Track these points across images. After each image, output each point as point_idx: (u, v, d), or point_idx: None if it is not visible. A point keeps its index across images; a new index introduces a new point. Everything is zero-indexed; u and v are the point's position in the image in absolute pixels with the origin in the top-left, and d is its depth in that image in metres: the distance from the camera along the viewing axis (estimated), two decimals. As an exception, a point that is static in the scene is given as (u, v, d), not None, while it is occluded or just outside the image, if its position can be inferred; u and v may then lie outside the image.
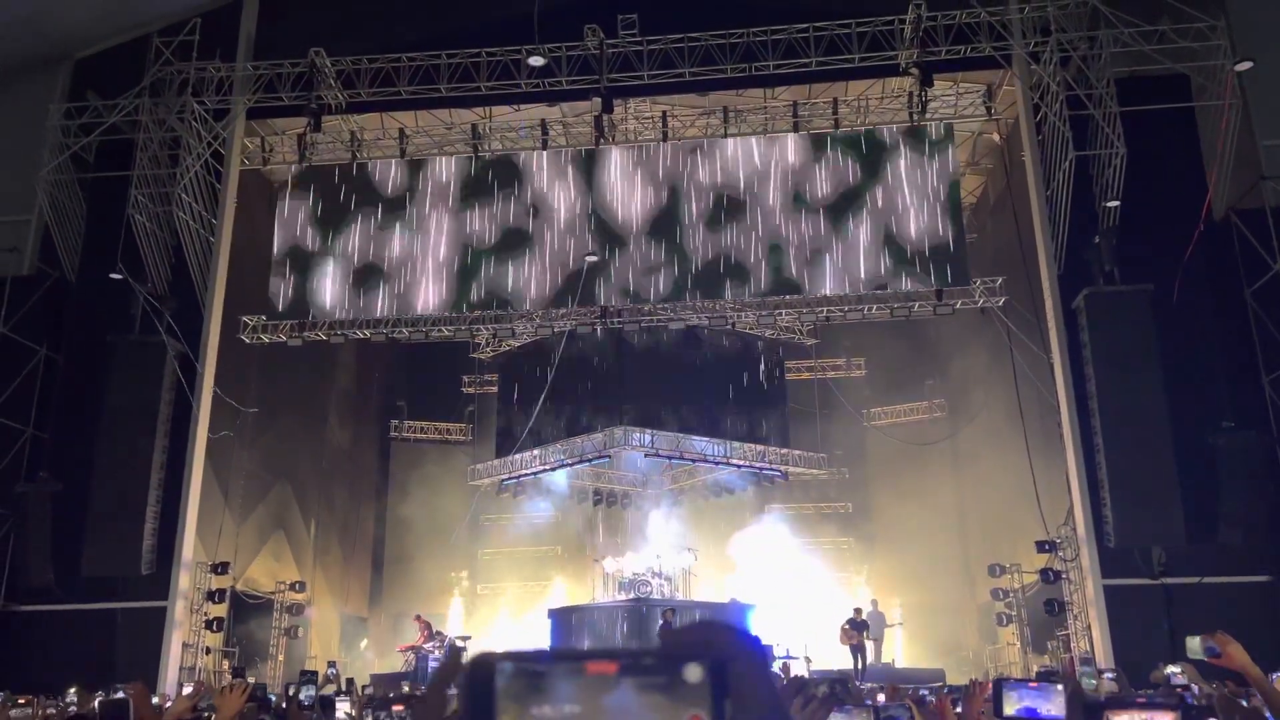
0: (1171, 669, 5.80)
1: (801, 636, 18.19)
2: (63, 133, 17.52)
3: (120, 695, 6.15)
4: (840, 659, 18.48)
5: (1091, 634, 14.55)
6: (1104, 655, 13.88)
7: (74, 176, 17.82)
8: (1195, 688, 5.53)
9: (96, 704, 4.05)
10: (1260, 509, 14.35)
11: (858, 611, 18.26)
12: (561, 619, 20.16)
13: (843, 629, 17.94)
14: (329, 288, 18.33)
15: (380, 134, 19.18)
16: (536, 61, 17.28)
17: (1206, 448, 14.48)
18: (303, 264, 18.44)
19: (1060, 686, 3.31)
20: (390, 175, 18.81)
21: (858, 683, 10.06)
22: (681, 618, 19.24)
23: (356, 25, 18.33)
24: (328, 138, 18.78)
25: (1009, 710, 3.19)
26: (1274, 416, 14.85)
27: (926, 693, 9.98)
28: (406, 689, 13.34)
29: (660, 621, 17.49)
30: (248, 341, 18.27)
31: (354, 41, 17.79)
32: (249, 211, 18.61)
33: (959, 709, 4.93)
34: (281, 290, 18.33)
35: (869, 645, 19.78)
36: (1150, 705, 2.27)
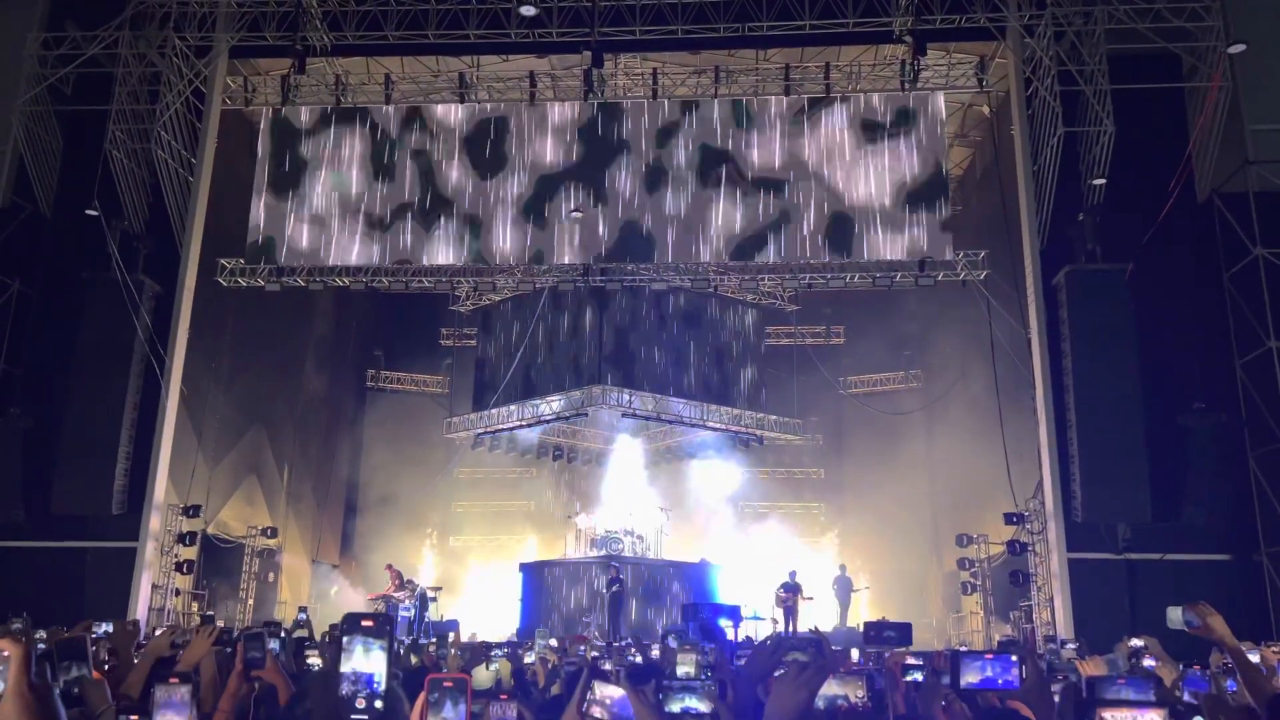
0: (1135, 641, 5.90)
1: (769, 598, 18.44)
2: (40, 63, 17.10)
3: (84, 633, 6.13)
4: (824, 618, 18.90)
5: (1054, 605, 14.81)
6: (1065, 627, 14.14)
7: (51, 108, 17.43)
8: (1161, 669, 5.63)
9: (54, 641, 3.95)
10: (1225, 490, 14.60)
11: (793, 575, 18.55)
12: (533, 573, 20.30)
13: (776, 592, 18.28)
14: (307, 229, 18.11)
15: (365, 79, 18.88)
16: (528, 11, 17.02)
17: (1177, 428, 14.68)
18: (282, 203, 18.19)
19: (1015, 658, 3.31)
20: (375, 120, 18.52)
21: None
22: (652, 575, 19.46)
23: (345, -34, 17.94)
24: (312, 80, 18.45)
25: (970, 680, 3.21)
26: (1244, 400, 15.04)
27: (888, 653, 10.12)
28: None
29: (610, 578, 17.69)
30: (224, 284, 18.08)
31: (342, -18, 17.43)
32: (229, 152, 18.30)
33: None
34: (260, 227, 18.11)
35: (838, 607, 20.12)
36: (1138, 703, 2.30)
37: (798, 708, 2.28)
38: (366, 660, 1.87)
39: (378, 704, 1.87)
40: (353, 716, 1.87)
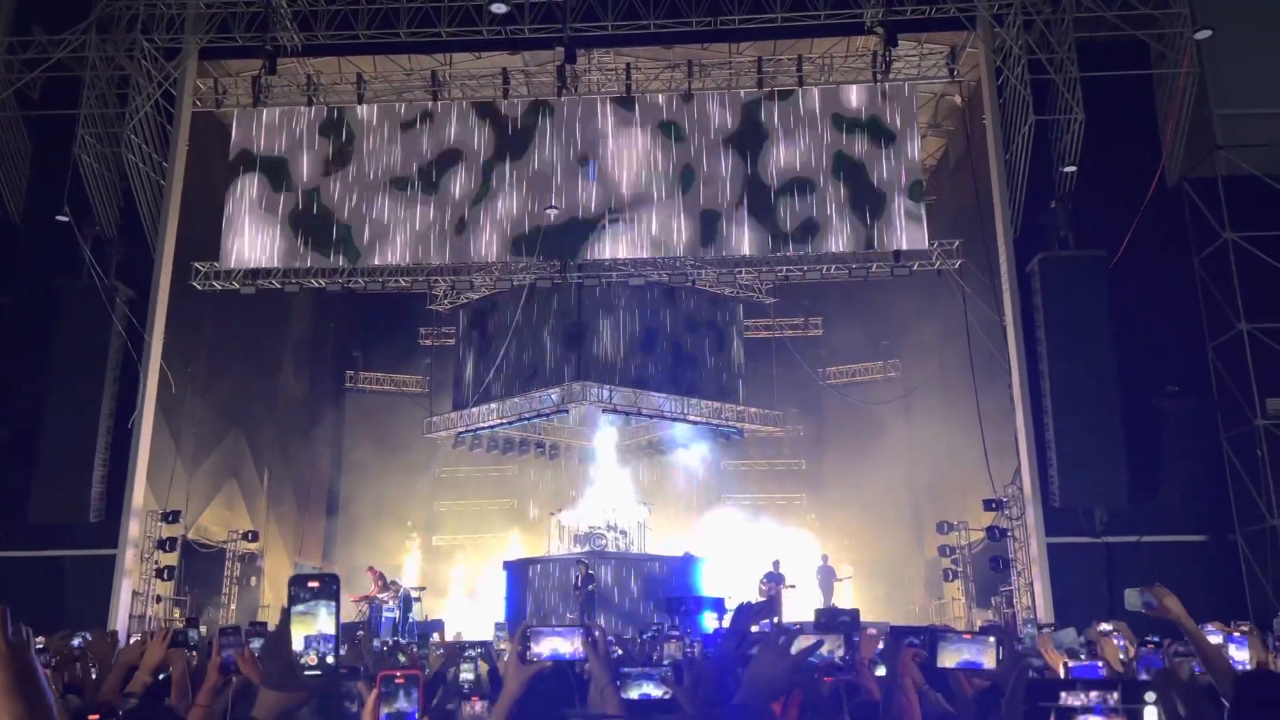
0: (1105, 626, 5.98)
1: (753, 589, 18.51)
2: (6, 68, 16.91)
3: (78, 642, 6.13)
4: (807, 608, 18.92)
5: (1034, 590, 14.96)
6: (1045, 611, 14.29)
7: (18, 114, 17.25)
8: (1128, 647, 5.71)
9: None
10: (1199, 472, 14.82)
11: (776, 565, 18.67)
12: (517, 571, 20.29)
13: (760, 583, 18.40)
14: (280, 232, 18.00)
15: (337, 78, 18.76)
16: (499, 8, 16.97)
17: (1151, 411, 14.87)
18: (254, 207, 18.07)
19: (992, 638, 3.32)
20: (348, 119, 18.41)
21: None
22: (635, 569, 19.48)
23: (314, -35, 17.83)
24: (283, 81, 18.33)
25: (948, 663, 3.23)
26: (1216, 382, 15.23)
27: (873, 630, 10.24)
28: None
29: (582, 576, 17.65)
30: (199, 288, 17.95)
31: (311, -19, 17.32)
32: (201, 155, 18.16)
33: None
34: (232, 234, 17.98)
35: (821, 596, 20.21)
36: (1093, 683, 2.34)
37: (781, 675, 2.32)
38: (316, 624, 1.94)
39: (329, 660, 1.94)
40: (305, 672, 1.94)
